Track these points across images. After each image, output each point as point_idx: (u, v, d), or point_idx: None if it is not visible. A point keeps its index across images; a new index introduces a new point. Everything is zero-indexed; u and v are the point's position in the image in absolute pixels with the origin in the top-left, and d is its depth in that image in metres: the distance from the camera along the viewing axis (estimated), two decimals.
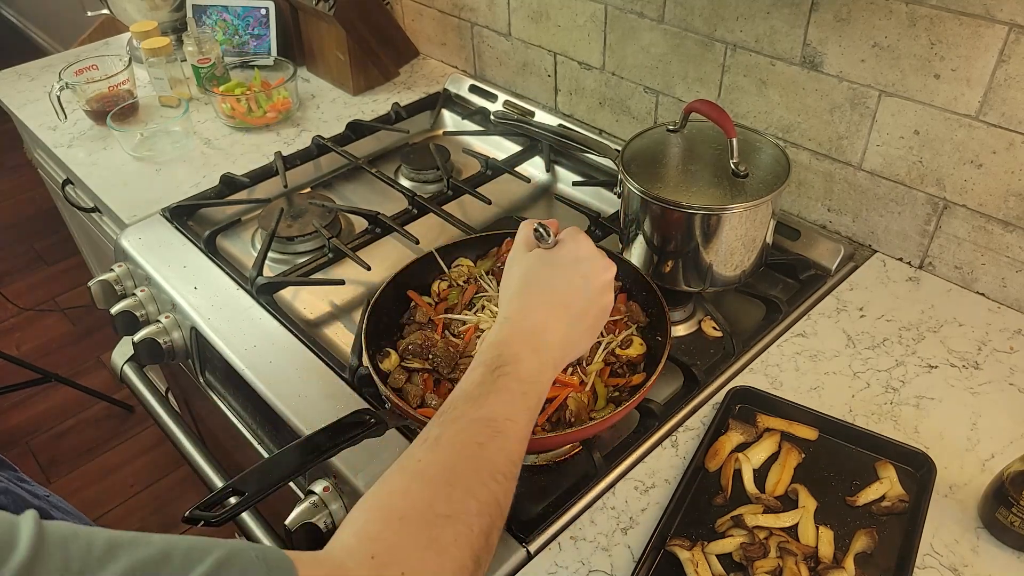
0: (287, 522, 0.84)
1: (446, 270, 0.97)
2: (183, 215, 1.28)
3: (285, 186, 1.36)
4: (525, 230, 0.77)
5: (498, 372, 0.63)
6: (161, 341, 1.15)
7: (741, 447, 0.85)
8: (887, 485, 0.80)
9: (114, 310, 1.18)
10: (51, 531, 0.41)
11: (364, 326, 0.87)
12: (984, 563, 0.75)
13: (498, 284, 0.95)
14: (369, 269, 1.13)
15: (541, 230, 0.75)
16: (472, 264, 0.99)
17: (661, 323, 0.88)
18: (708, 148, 1.02)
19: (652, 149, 1.03)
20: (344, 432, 0.73)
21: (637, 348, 0.88)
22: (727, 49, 1.16)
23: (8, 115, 1.67)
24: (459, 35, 1.61)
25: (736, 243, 0.97)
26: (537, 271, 0.73)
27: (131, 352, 1.17)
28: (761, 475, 0.83)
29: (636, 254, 1.04)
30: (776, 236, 1.12)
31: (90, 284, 1.24)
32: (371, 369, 0.83)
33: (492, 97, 1.55)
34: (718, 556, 0.75)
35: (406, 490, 0.55)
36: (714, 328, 1.04)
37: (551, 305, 0.70)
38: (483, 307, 0.90)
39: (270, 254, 1.18)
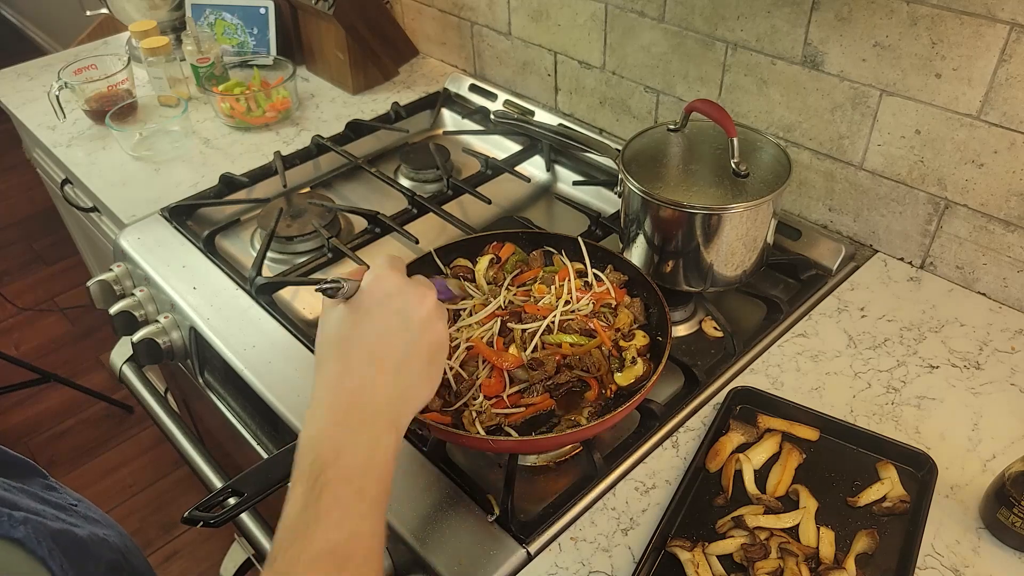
0: None
1: (444, 270, 0.97)
2: (182, 215, 1.27)
3: (284, 186, 1.35)
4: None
5: (320, 483, 0.53)
6: (160, 341, 1.15)
7: (742, 447, 0.85)
8: (888, 486, 0.80)
9: (113, 310, 1.18)
10: None
11: None
12: (985, 563, 0.75)
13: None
14: (369, 269, 1.12)
15: (328, 287, 0.63)
16: (471, 264, 0.98)
17: (662, 323, 0.88)
18: (709, 148, 1.02)
19: (653, 148, 1.03)
20: None
21: (641, 339, 0.88)
22: (728, 48, 1.15)
23: (7, 114, 1.66)
24: (459, 34, 1.61)
25: (737, 243, 0.96)
26: (341, 325, 0.63)
27: (130, 352, 1.17)
28: (762, 476, 0.83)
29: (637, 254, 1.04)
30: (777, 236, 1.12)
31: (89, 284, 1.24)
32: None
33: (492, 96, 1.55)
34: (719, 557, 0.75)
35: None
36: (715, 328, 1.03)
37: (368, 359, 0.61)
38: (470, 312, 0.89)
39: (269, 254, 1.18)
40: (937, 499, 0.79)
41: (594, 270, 0.95)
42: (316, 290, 0.63)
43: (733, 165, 0.95)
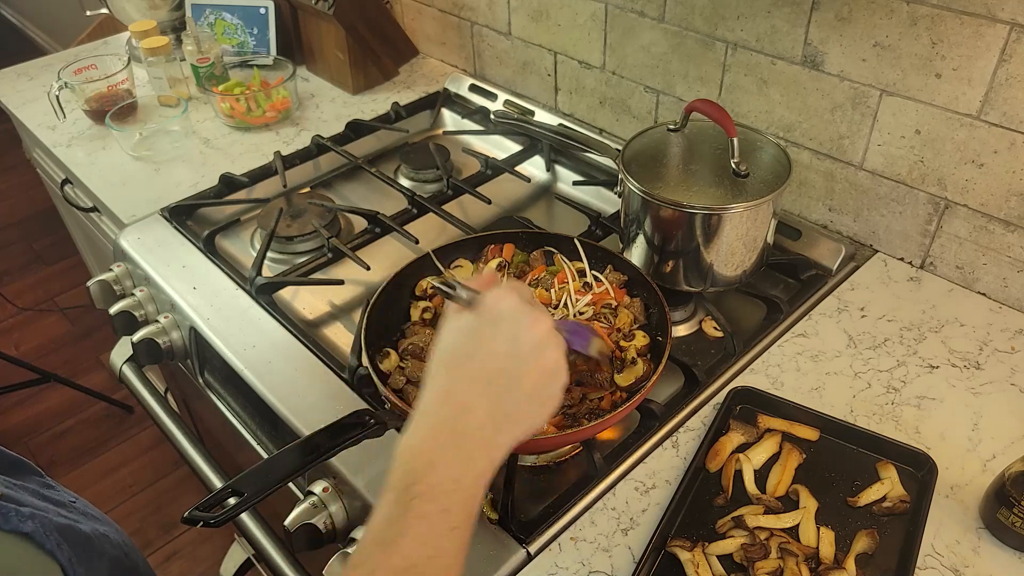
0: (286, 523, 0.84)
1: (443, 271, 0.97)
2: (182, 215, 1.27)
3: (284, 186, 1.35)
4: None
5: (409, 495, 0.54)
6: (160, 341, 1.14)
7: (742, 447, 0.85)
8: (888, 486, 0.80)
9: (113, 310, 1.18)
10: None
11: (364, 326, 0.87)
12: (985, 563, 0.75)
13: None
14: (368, 269, 1.12)
15: (444, 288, 0.63)
16: (471, 264, 0.98)
17: (662, 323, 0.88)
18: (709, 147, 1.02)
19: (653, 148, 1.03)
20: (343, 433, 0.73)
21: (641, 339, 0.88)
22: (728, 48, 1.15)
23: (7, 114, 1.66)
24: (459, 34, 1.61)
25: (737, 243, 0.96)
26: (459, 339, 0.63)
27: (130, 352, 1.17)
28: (762, 476, 0.83)
29: (637, 254, 1.04)
30: (777, 236, 1.12)
31: (89, 284, 1.24)
32: (371, 369, 0.83)
33: (492, 96, 1.55)
34: (719, 557, 0.75)
35: None
36: (715, 328, 1.03)
37: (472, 380, 0.61)
38: None
39: (269, 254, 1.18)
40: (937, 499, 0.79)
41: (592, 272, 0.95)
42: (432, 286, 0.62)
43: (733, 165, 0.95)
